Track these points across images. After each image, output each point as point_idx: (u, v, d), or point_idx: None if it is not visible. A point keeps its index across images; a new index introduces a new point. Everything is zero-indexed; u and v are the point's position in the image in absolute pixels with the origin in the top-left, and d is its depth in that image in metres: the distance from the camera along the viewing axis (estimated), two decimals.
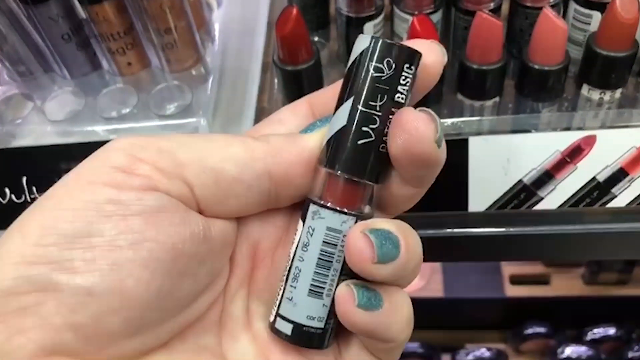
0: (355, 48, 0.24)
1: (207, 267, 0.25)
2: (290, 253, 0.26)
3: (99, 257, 0.22)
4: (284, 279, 0.26)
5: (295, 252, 0.25)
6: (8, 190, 0.44)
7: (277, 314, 0.26)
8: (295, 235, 0.26)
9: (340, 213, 0.25)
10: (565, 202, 0.43)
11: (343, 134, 0.24)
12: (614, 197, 0.42)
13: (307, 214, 0.25)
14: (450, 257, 0.49)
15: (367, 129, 0.24)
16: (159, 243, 0.23)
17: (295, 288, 0.25)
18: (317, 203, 0.25)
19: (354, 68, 0.24)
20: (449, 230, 0.44)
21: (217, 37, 0.52)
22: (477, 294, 0.99)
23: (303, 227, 0.25)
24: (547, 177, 0.42)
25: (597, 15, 0.42)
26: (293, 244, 0.26)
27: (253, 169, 0.25)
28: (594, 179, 0.42)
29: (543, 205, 0.43)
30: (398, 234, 0.24)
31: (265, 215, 0.27)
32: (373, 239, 0.23)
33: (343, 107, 0.24)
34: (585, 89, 0.42)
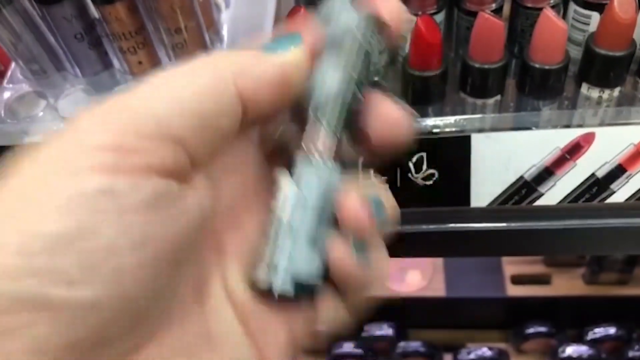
0: (337, 14, 0.26)
1: (197, 247, 0.24)
2: (276, 208, 0.26)
3: (99, 263, 0.19)
4: (271, 235, 0.25)
5: (282, 206, 0.25)
6: None
7: (262, 271, 0.25)
8: (282, 189, 0.26)
9: (328, 165, 0.26)
10: (565, 198, 0.44)
11: (335, 99, 0.26)
12: (613, 193, 0.43)
13: (296, 166, 0.26)
14: (453, 252, 0.50)
15: (356, 96, 0.26)
16: (161, 240, 0.21)
17: (283, 243, 0.25)
18: (308, 153, 0.26)
19: (342, 36, 0.26)
20: (451, 225, 0.45)
21: (225, 37, 0.53)
22: (478, 294, 0.99)
23: (291, 179, 0.26)
24: (547, 173, 0.43)
25: (595, 16, 0.43)
26: (279, 199, 0.26)
27: (227, 95, 0.23)
28: (593, 175, 0.43)
29: (543, 201, 0.44)
30: (383, 198, 0.27)
31: (229, 174, 0.26)
32: (369, 202, 0.26)
33: (330, 74, 0.25)
34: (585, 88, 0.43)
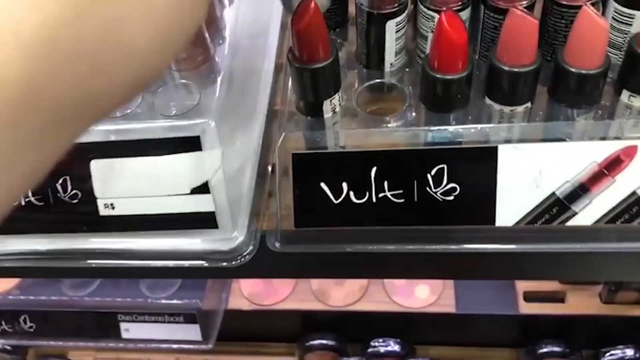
0: None
1: None
2: None
3: None
4: None
5: None
6: None
7: None
8: None
9: None
10: (602, 217, 0.40)
11: None
12: None
13: None
14: (477, 274, 0.46)
15: None
16: None
17: None
18: None
19: None
20: (475, 247, 0.41)
21: (227, 35, 0.49)
22: (489, 311, 0.95)
23: None
24: (582, 190, 0.39)
25: None
26: None
27: None
28: (634, 194, 0.39)
29: (577, 221, 0.40)
30: None
31: None
32: None
33: None
34: (625, 96, 0.39)
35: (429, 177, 0.40)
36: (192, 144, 0.41)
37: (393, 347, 0.97)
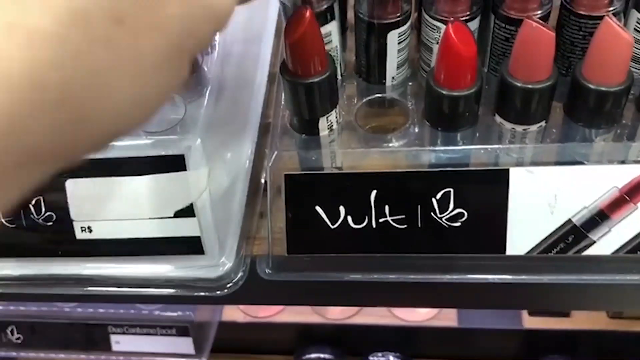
0: None
1: None
2: None
3: None
4: None
5: None
6: None
7: None
8: None
9: None
10: (622, 247, 0.36)
11: None
12: None
13: None
14: (486, 304, 0.42)
15: None
16: None
17: None
18: None
19: None
20: (483, 277, 0.37)
21: (217, 43, 0.46)
22: (493, 325, 0.93)
23: None
24: (601, 217, 0.36)
25: None
26: None
27: None
28: None
29: (595, 251, 0.37)
30: None
31: None
32: None
33: None
34: None
35: (434, 201, 0.36)
36: (176, 163, 0.38)
37: None
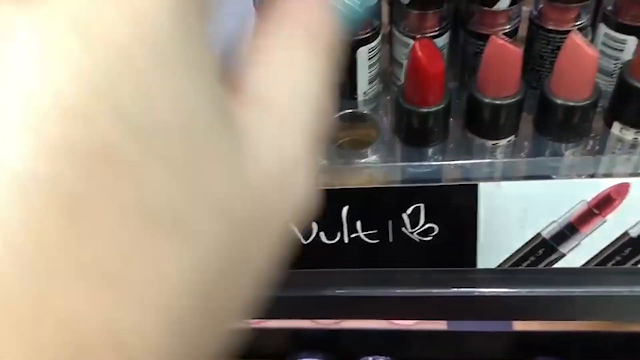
0: None
1: None
2: None
3: None
4: None
5: None
6: None
7: None
8: None
9: None
10: (591, 260, 0.37)
11: None
12: None
13: None
14: (456, 316, 0.43)
15: None
16: None
17: None
18: None
19: None
20: (454, 290, 0.38)
21: None
22: (482, 327, 0.93)
23: None
24: (570, 231, 0.36)
25: (632, 41, 0.36)
26: None
27: None
28: (626, 234, 0.36)
29: (565, 263, 0.37)
30: None
31: None
32: None
33: None
34: (617, 128, 0.36)
35: (405, 216, 0.37)
36: None
37: None
